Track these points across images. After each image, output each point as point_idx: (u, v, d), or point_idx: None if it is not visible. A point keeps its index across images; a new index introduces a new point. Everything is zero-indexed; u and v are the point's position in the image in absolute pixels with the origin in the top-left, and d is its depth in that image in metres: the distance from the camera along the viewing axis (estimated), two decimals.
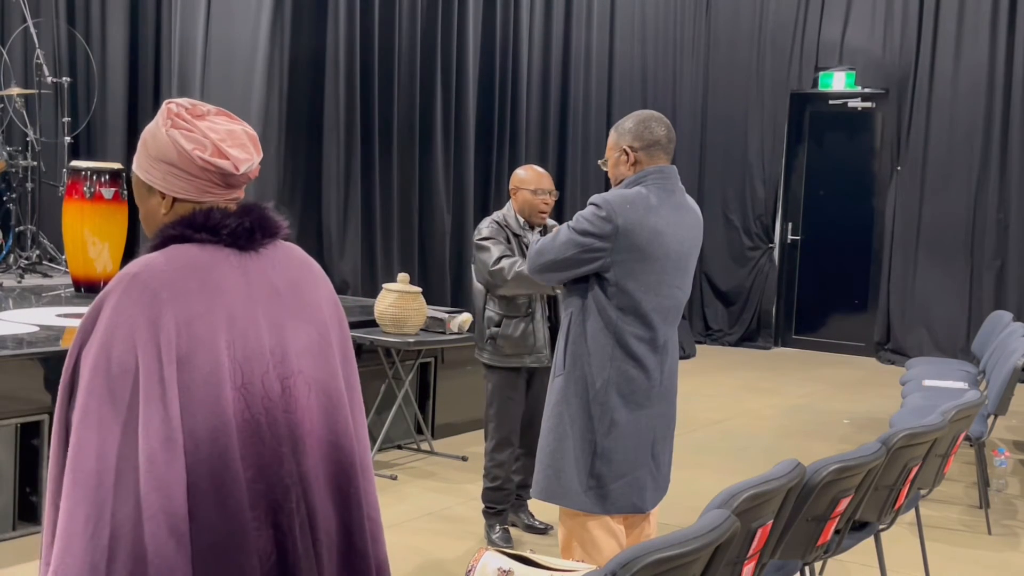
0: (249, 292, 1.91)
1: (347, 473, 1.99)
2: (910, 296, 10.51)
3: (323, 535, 1.94)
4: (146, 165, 1.97)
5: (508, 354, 4.60)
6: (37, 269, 7.32)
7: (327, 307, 2.05)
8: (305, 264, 2.06)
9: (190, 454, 1.78)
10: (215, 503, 1.79)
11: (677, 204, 3.33)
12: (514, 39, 9.09)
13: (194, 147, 1.91)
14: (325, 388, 1.98)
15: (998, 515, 5.49)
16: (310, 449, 1.93)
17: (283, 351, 1.93)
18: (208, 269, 1.88)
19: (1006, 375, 5.38)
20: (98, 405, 1.78)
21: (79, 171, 6.48)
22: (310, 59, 7.62)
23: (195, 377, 1.80)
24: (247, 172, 1.96)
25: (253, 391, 1.87)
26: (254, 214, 1.97)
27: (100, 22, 8.35)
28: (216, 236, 1.91)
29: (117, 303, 1.82)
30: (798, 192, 11.37)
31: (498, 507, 4.71)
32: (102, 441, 1.76)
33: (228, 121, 2.00)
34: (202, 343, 1.82)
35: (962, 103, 10.21)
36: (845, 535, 3.38)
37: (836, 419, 7.77)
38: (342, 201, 7.79)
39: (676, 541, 1.98)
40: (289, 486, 1.88)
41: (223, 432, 1.81)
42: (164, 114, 1.96)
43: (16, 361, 4.43)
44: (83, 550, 1.74)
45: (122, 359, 1.79)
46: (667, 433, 3.41)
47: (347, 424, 2.01)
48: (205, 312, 1.84)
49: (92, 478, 1.75)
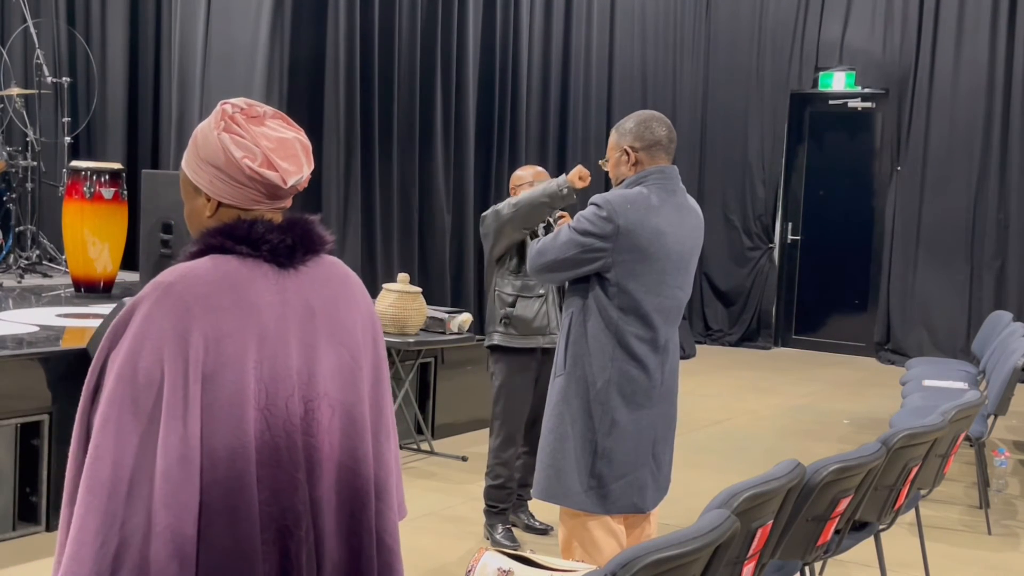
0: (283, 312, 1.88)
1: (361, 499, 1.97)
2: (910, 296, 10.51)
3: (328, 563, 1.92)
4: (194, 165, 1.92)
5: (521, 334, 4.57)
6: (37, 269, 7.32)
7: (363, 327, 2.01)
8: (346, 282, 2.01)
9: (207, 472, 1.77)
10: (228, 524, 1.78)
11: (678, 204, 3.33)
12: (514, 39, 9.08)
13: (244, 155, 1.87)
14: (350, 412, 1.95)
15: (998, 515, 5.49)
16: (326, 474, 1.91)
17: (310, 373, 1.90)
18: (244, 285, 1.85)
19: (1006, 375, 5.38)
20: (119, 414, 1.76)
21: (79, 171, 6.48)
22: (310, 59, 7.61)
23: (219, 396, 1.79)
24: (295, 185, 1.92)
25: (276, 413, 1.84)
26: (297, 229, 1.92)
27: (100, 22, 8.36)
28: (256, 251, 1.87)
29: (149, 312, 1.80)
30: (798, 192, 11.37)
31: (500, 506, 4.70)
32: (120, 451, 1.75)
33: (283, 127, 1.94)
34: (230, 362, 1.80)
35: (962, 103, 10.21)
36: (845, 535, 3.38)
37: (836, 419, 7.77)
38: (342, 201, 7.78)
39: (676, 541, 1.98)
40: (301, 513, 1.86)
41: (242, 454, 1.79)
42: (218, 115, 1.90)
43: (16, 361, 4.43)
44: (90, 558, 1.73)
45: (148, 371, 1.77)
46: (668, 433, 3.41)
47: (367, 449, 1.98)
48: (236, 330, 1.82)
49: (106, 487, 1.74)
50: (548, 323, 4.57)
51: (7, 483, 4.39)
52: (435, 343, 5.88)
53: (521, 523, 4.88)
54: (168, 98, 7.96)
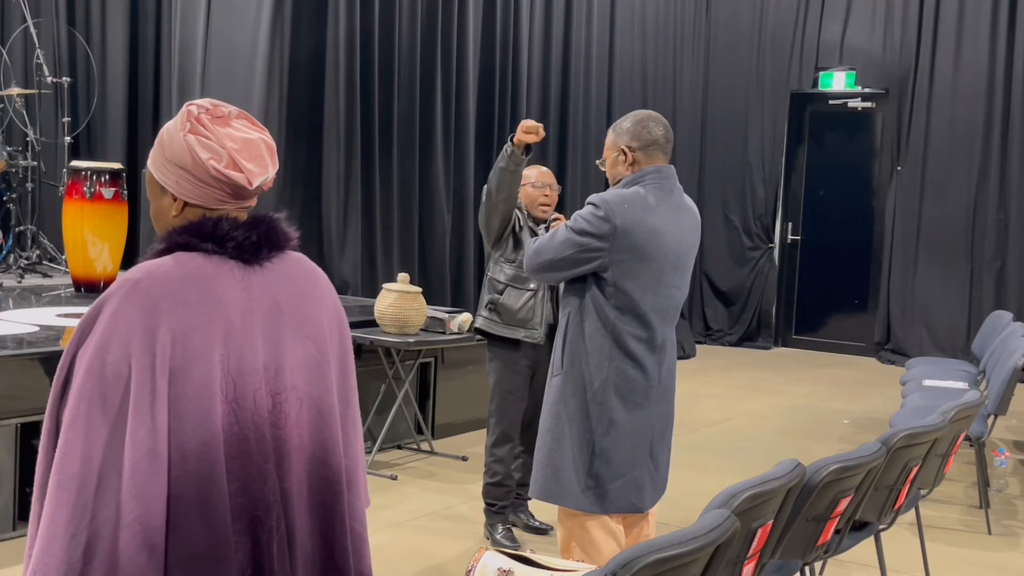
0: (249, 306, 1.91)
1: (333, 489, 2.00)
2: (910, 296, 10.51)
3: (300, 551, 1.95)
4: (160, 165, 1.95)
5: (505, 323, 4.61)
6: (37, 269, 7.32)
7: (329, 321, 2.04)
8: (311, 276, 2.04)
9: (177, 466, 1.79)
10: (199, 515, 1.81)
11: (675, 204, 3.33)
12: (514, 39, 9.09)
13: (209, 156, 1.89)
14: (318, 404, 1.99)
15: (998, 515, 5.49)
16: (295, 465, 1.94)
17: (277, 366, 1.93)
18: (210, 281, 1.87)
19: (1006, 375, 5.38)
20: (88, 408, 1.79)
21: (79, 171, 6.48)
22: (310, 59, 7.62)
23: (187, 390, 1.81)
24: (261, 186, 1.95)
25: (244, 406, 1.87)
26: (262, 227, 1.95)
27: (100, 22, 8.35)
28: (222, 248, 1.90)
29: (116, 308, 1.82)
30: (798, 192, 11.37)
31: (499, 504, 4.70)
32: (89, 445, 1.77)
33: (249, 127, 1.97)
34: (197, 356, 1.83)
35: (962, 103, 10.21)
36: (845, 535, 3.38)
37: (836, 419, 7.77)
38: (342, 201, 7.79)
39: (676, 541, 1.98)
40: (271, 503, 1.89)
41: (211, 446, 1.82)
42: (184, 116, 1.93)
43: (16, 361, 4.43)
44: (62, 550, 1.76)
45: (116, 366, 1.79)
46: (665, 433, 3.41)
47: (336, 440, 2.01)
48: (202, 325, 1.84)
49: (76, 481, 1.77)
50: (533, 317, 4.59)
51: (7, 483, 4.39)
52: (435, 343, 5.88)
53: (521, 523, 4.89)
54: (168, 98, 7.96)
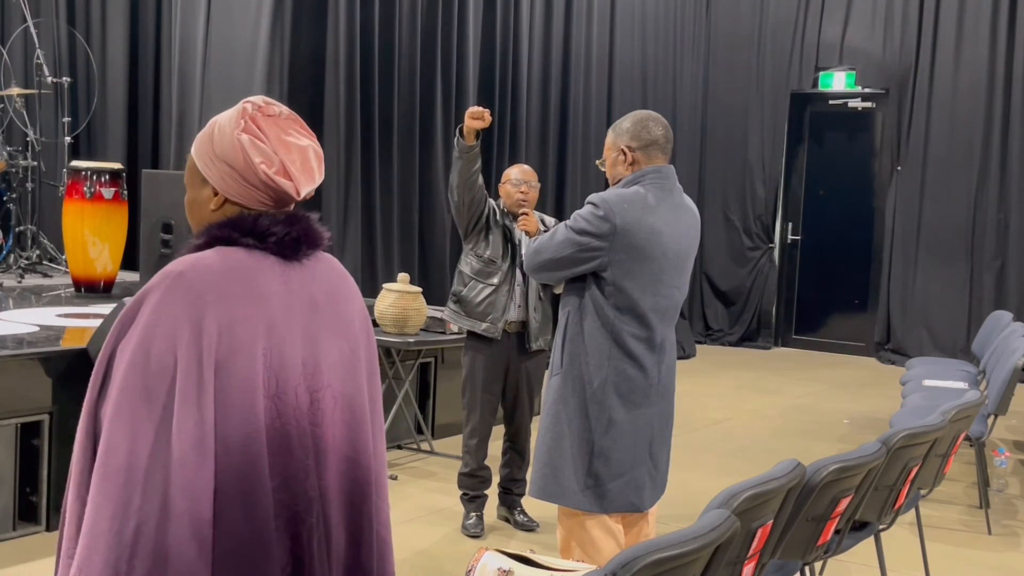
0: (289, 302, 1.90)
1: (363, 491, 1.99)
2: (910, 296, 10.51)
3: (335, 552, 1.94)
4: (207, 158, 1.92)
5: (466, 314, 4.76)
6: (37, 269, 7.33)
7: (359, 322, 2.04)
8: (343, 278, 2.04)
9: (221, 459, 1.77)
10: (241, 509, 1.79)
11: (675, 204, 3.33)
12: (514, 39, 9.08)
13: (261, 160, 1.87)
14: (351, 403, 1.97)
15: (998, 515, 5.49)
16: (331, 463, 1.92)
17: (316, 364, 1.91)
18: (252, 275, 1.86)
19: (1006, 375, 5.37)
20: (132, 402, 1.76)
21: (79, 171, 6.48)
22: (310, 59, 7.61)
23: (232, 383, 1.79)
24: (305, 196, 1.94)
25: (286, 401, 1.86)
26: (300, 224, 1.94)
27: (100, 22, 8.36)
28: (262, 243, 1.89)
29: (160, 301, 1.80)
30: (798, 192, 11.37)
31: (471, 493, 4.87)
32: (134, 439, 1.75)
33: (300, 134, 1.94)
34: (241, 348, 1.81)
35: (962, 103, 10.22)
36: (845, 535, 3.38)
37: (836, 419, 7.77)
38: (342, 201, 7.78)
39: (676, 541, 1.98)
40: (312, 499, 1.88)
41: (255, 440, 1.80)
42: (239, 113, 1.90)
43: (16, 361, 4.43)
44: (107, 547, 1.74)
45: (161, 358, 1.77)
46: (665, 432, 3.41)
47: (367, 441, 2.00)
48: (246, 317, 1.83)
49: (121, 475, 1.75)
50: (492, 311, 4.70)
51: (7, 483, 4.39)
52: (435, 343, 5.88)
53: (513, 519, 4.98)
54: (168, 98, 7.97)
